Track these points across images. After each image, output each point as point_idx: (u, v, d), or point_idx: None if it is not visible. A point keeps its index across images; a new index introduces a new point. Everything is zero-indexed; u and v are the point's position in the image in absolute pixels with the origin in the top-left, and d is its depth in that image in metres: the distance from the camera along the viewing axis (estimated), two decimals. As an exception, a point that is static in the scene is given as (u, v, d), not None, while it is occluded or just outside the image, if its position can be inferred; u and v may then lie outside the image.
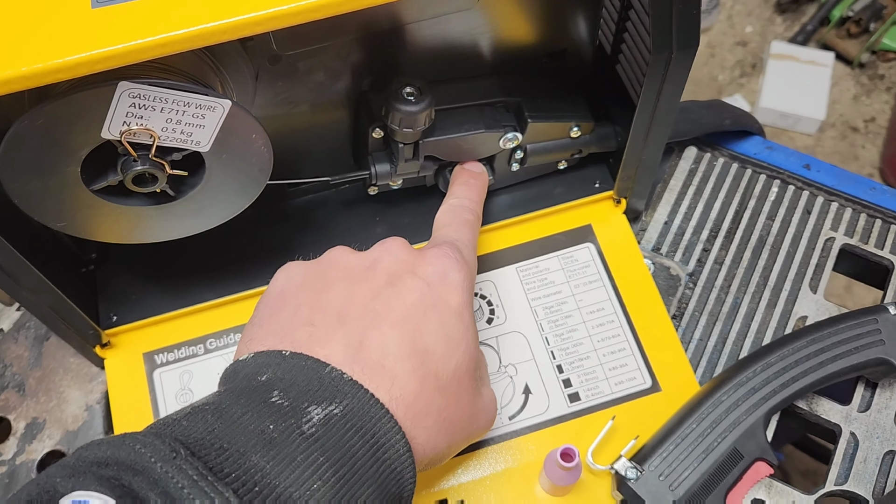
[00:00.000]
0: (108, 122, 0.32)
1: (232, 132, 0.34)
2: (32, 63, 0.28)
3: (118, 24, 0.29)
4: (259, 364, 0.32)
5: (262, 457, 0.27)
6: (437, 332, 0.34)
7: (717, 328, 0.48)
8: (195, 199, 0.38)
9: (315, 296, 0.35)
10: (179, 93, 0.32)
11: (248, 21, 0.30)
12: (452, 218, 0.42)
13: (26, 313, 0.49)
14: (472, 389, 0.36)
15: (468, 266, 0.38)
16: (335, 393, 0.30)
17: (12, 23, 0.29)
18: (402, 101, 0.40)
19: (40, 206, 0.35)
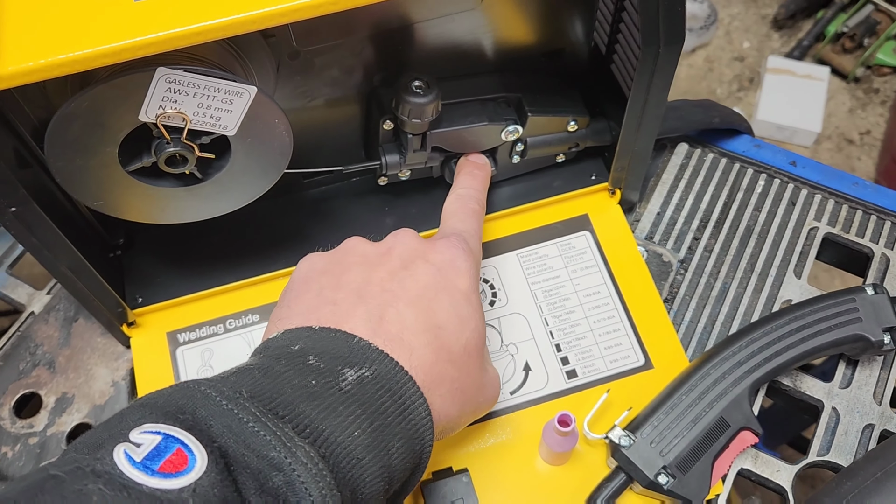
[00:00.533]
0: (146, 106, 0.35)
1: (256, 117, 0.38)
2: (84, 48, 0.31)
3: (158, 15, 0.32)
4: (290, 338, 0.35)
5: (308, 405, 0.31)
6: (449, 310, 0.37)
7: (706, 311, 0.51)
8: (220, 182, 0.41)
9: (336, 279, 0.38)
10: (211, 79, 0.35)
11: (272, 13, 0.33)
12: (459, 208, 0.45)
13: (56, 296, 0.53)
14: (480, 364, 0.39)
15: (473, 255, 0.41)
16: (364, 359, 0.33)
17: (66, 14, 0.32)
18: (412, 94, 0.44)
19: (80, 184, 0.38)
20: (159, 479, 0.25)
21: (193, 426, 0.28)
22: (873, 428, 0.46)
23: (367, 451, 0.31)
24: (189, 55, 0.36)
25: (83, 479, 0.25)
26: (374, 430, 0.32)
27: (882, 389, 0.48)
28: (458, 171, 0.49)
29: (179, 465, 0.26)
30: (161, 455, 0.26)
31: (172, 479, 0.25)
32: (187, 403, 0.29)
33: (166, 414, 0.28)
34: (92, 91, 0.34)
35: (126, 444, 0.27)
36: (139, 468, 0.25)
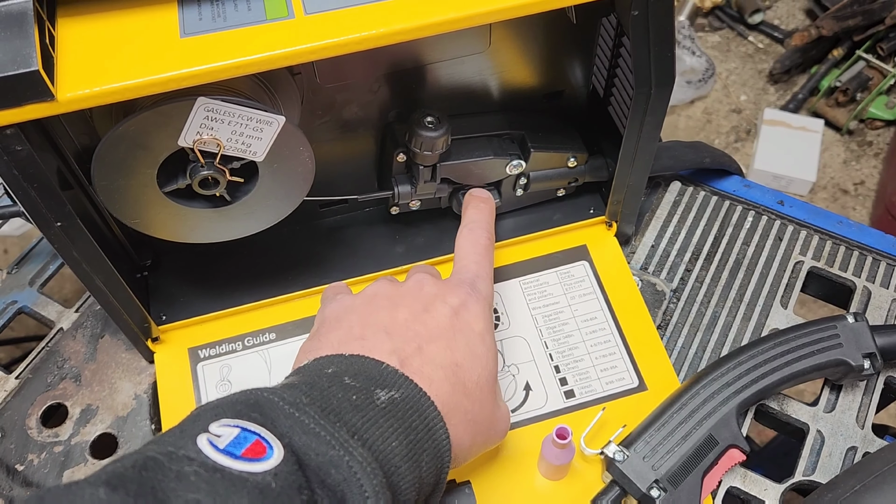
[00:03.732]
0: (185, 132, 0.39)
1: (283, 145, 0.41)
2: (136, 78, 0.35)
3: (201, 50, 0.36)
4: (323, 363, 0.38)
5: (354, 416, 0.34)
6: (464, 349, 0.41)
7: (697, 337, 0.54)
8: (247, 204, 0.44)
9: (363, 318, 0.41)
10: (244, 108, 0.39)
11: (298, 52, 0.36)
12: (472, 246, 0.48)
13: (84, 314, 0.56)
14: (493, 400, 0.42)
15: (485, 298, 0.44)
16: (393, 383, 0.37)
17: (119, 47, 0.36)
18: (424, 128, 0.47)
19: (121, 203, 0.42)
20: (244, 462, 0.28)
21: (264, 424, 0.31)
22: (856, 450, 0.49)
23: (403, 460, 0.34)
24: (224, 87, 0.40)
25: (179, 461, 0.28)
26: (409, 443, 0.35)
27: (864, 414, 0.50)
28: (465, 206, 0.52)
29: (260, 452, 0.29)
30: (242, 444, 0.29)
31: (256, 464, 0.28)
32: (257, 405, 0.32)
33: (239, 412, 0.32)
34: (138, 116, 0.38)
35: (208, 434, 0.30)
36: (224, 454, 0.29)
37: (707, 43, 1.90)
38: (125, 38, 0.37)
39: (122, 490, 0.26)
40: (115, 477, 0.27)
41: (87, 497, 0.26)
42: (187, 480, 0.27)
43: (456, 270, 0.46)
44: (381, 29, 0.37)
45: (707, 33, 1.92)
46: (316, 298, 0.51)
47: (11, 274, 0.58)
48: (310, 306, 0.53)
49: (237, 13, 0.38)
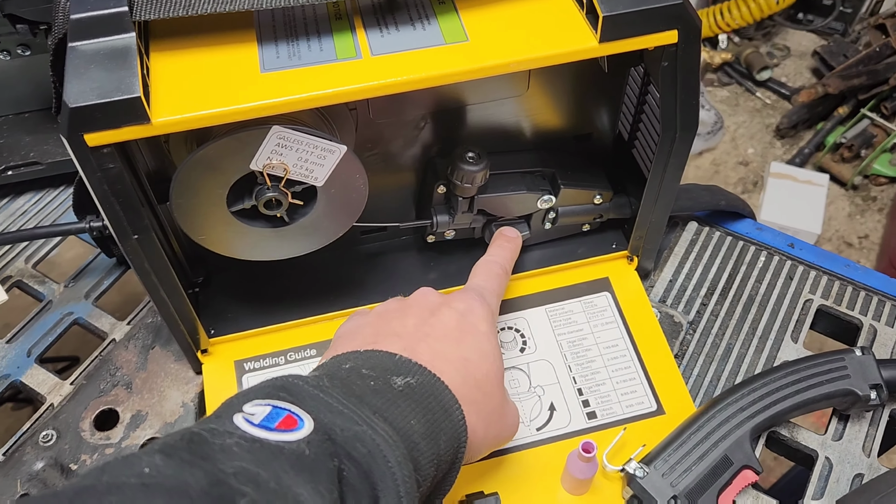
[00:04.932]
0: (257, 157, 0.43)
1: (341, 172, 0.45)
2: (223, 106, 0.39)
3: (279, 85, 0.41)
4: (340, 360, 0.40)
5: (374, 398, 0.37)
6: (472, 346, 0.43)
7: (712, 367, 0.57)
8: (303, 226, 0.48)
9: (376, 328, 0.44)
10: (311, 137, 0.43)
11: (356, 90, 0.41)
12: (484, 269, 0.52)
13: (135, 327, 0.59)
14: (502, 394, 0.44)
15: (489, 307, 0.47)
16: (408, 370, 0.39)
17: (207, 80, 0.41)
18: (466, 162, 0.52)
19: (192, 220, 0.46)
20: (279, 433, 0.31)
21: (294, 402, 0.34)
22: (862, 477, 0.52)
23: (422, 438, 0.37)
24: (292, 118, 0.44)
25: (221, 436, 0.31)
26: (427, 422, 0.37)
27: (870, 443, 0.53)
28: (491, 242, 0.56)
29: (292, 424, 0.32)
30: (275, 418, 0.32)
31: (290, 434, 0.31)
32: (284, 388, 0.35)
33: (268, 394, 0.35)
34: (219, 142, 0.42)
35: (243, 413, 0.33)
36: (260, 427, 0.32)
37: (716, 97, 1.97)
38: (211, 71, 0.41)
39: (175, 457, 0.29)
40: (168, 447, 0.30)
41: (146, 463, 0.28)
42: (230, 451, 0.30)
43: (466, 284, 0.50)
44: (437, 71, 0.41)
45: (716, 88, 1.99)
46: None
47: (68, 287, 0.62)
48: (349, 326, 0.57)
49: (310, 52, 0.42)
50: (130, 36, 0.39)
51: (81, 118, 0.38)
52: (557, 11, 0.44)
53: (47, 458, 0.52)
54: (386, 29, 0.43)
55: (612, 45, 0.43)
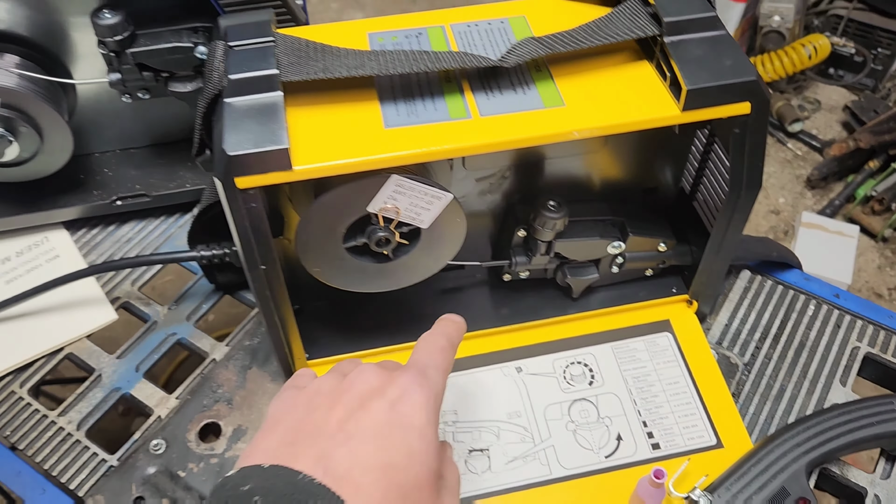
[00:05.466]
0: (375, 201, 0.49)
1: (445, 215, 0.51)
2: (354, 157, 0.45)
3: (401, 140, 0.46)
4: (243, 476, 0.38)
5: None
6: (400, 447, 0.39)
7: (766, 406, 0.61)
8: (404, 262, 0.54)
9: (299, 421, 0.41)
10: (424, 185, 0.49)
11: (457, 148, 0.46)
12: (427, 344, 0.48)
13: (234, 348, 0.65)
14: (433, 498, 0.41)
15: (432, 387, 0.43)
16: (308, 495, 0.36)
17: (338, 133, 0.47)
18: (548, 210, 0.57)
19: (311, 255, 0.51)
20: None
21: None
22: (909, 514, 0.56)
23: None
24: (405, 167, 0.50)
25: None
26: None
27: (916, 483, 0.57)
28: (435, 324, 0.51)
29: None
30: None
31: None
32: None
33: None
34: (345, 187, 0.48)
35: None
36: None
37: (748, 147, 2.02)
38: (340, 125, 0.47)
39: None
40: None
41: None
42: None
43: (408, 361, 0.46)
44: (539, 132, 0.47)
45: (748, 138, 2.04)
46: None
47: (171, 310, 0.68)
48: (429, 355, 0.62)
49: (426, 111, 0.48)
50: (278, 94, 0.46)
51: (237, 164, 0.44)
52: (641, 81, 0.50)
53: (158, 465, 0.58)
54: (491, 92, 0.49)
55: (693, 114, 0.48)
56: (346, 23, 0.55)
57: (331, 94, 0.49)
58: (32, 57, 0.65)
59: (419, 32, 0.54)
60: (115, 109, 0.72)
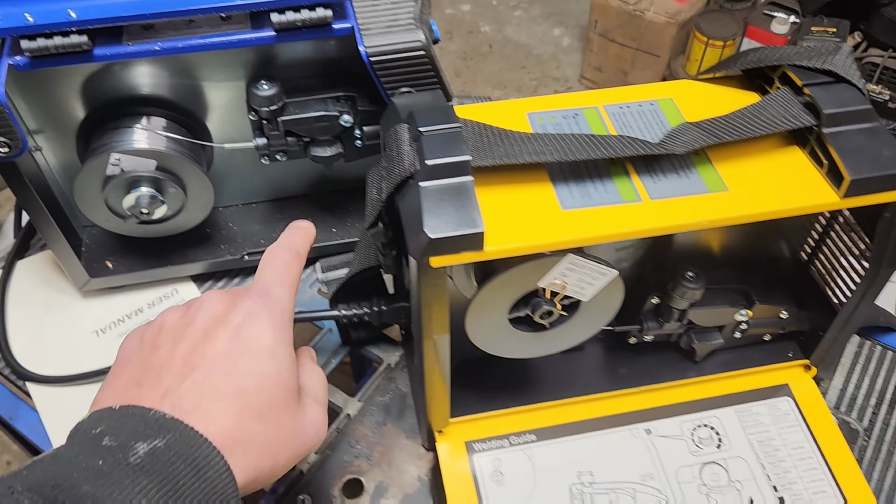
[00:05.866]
0: (547, 277, 0.51)
1: (605, 288, 0.54)
2: (538, 240, 0.48)
3: (579, 222, 0.49)
4: (94, 420, 0.38)
5: (92, 485, 0.33)
6: (249, 371, 0.41)
7: (890, 472, 0.63)
8: (560, 331, 0.56)
9: (145, 359, 0.42)
10: (594, 263, 0.51)
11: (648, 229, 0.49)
12: (271, 261, 0.48)
13: (367, 404, 0.67)
14: (292, 413, 0.42)
15: (278, 305, 0.44)
16: (158, 430, 0.37)
17: (518, 215, 0.49)
18: (686, 280, 0.60)
19: (478, 326, 0.54)
20: None
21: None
22: None
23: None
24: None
25: None
26: (163, 495, 0.35)
27: None
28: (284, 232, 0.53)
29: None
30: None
31: None
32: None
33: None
34: (523, 266, 0.50)
35: None
36: None
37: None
38: (521, 207, 0.50)
39: None
40: None
41: None
42: None
43: (253, 281, 0.47)
44: (710, 217, 0.50)
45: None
46: (563, 408, 0.63)
47: (301, 364, 0.70)
48: (559, 415, 0.64)
49: (597, 193, 0.51)
50: (469, 179, 0.48)
51: (435, 246, 0.46)
52: (795, 167, 0.53)
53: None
54: (655, 175, 0.52)
55: (853, 201, 0.51)
56: (505, 102, 0.58)
57: (507, 174, 0.51)
58: (178, 119, 0.68)
59: (575, 113, 0.57)
60: (244, 167, 0.75)
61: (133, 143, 0.64)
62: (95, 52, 0.56)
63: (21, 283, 0.75)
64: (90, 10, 0.54)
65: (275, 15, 0.57)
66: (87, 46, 0.55)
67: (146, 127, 0.65)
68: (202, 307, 0.44)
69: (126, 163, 0.64)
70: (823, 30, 1.99)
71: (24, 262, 0.77)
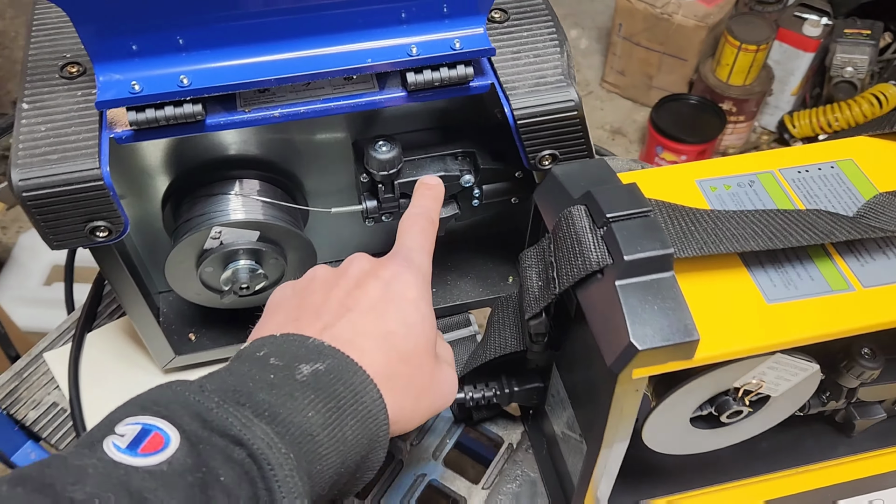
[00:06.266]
0: (746, 376, 0.45)
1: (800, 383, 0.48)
2: (747, 343, 0.42)
3: (790, 319, 0.43)
4: (256, 345, 0.41)
5: (267, 394, 0.37)
6: (397, 318, 0.43)
7: None
8: (740, 424, 0.50)
9: (300, 301, 0.45)
10: (799, 360, 0.45)
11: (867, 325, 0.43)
12: (410, 225, 0.50)
13: (493, 492, 0.61)
14: (431, 364, 0.44)
15: (419, 269, 0.46)
16: (318, 356, 0.39)
17: (722, 312, 0.43)
18: (862, 358, 0.54)
19: (657, 432, 0.48)
20: (141, 457, 0.32)
21: (167, 416, 0.35)
22: None
23: (321, 428, 0.37)
24: (764, 336, 0.47)
25: (82, 457, 0.32)
26: (328, 410, 0.37)
27: None
28: (414, 191, 0.55)
29: (157, 445, 0.33)
30: (141, 440, 0.33)
31: (152, 457, 0.33)
32: (161, 398, 0.36)
33: (143, 408, 0.35)
34: (724, 368, 0.44)
35: (113, 436, 0.34)
36: (126, 452, 0.33)
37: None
38: (722, 303, 0.44)
39: (21, 486, 0.30)
40: (19, 475, 0.31)
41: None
42: (84, 474, 0.31)
43: (394, 246, 0.49)
44: (929, 305, 0.44)
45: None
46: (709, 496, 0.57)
47: (414, 446, 0.64)
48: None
49: (802, 281, 0.45)
50: (671, 274, 0.42)
51: (642, 358, 0.40)
52: None
53: None
54: (860, 256, 0.46)
55: None
56: (670, 168, 0.52)
57: (698, 259, 0.45)
58: (274, 180, 0.61)
59: (751, 180, 0.51)
60: (339, 227, 0.68)
61: (232, 214, 0.57)
62: (208, 122, 0.49)
63: (93, 357, 0.68)
64: (205, 76, 0.47)
65: (411, 75, 0.50)
66: (202, 116, 0.48)
67: (241, 192, 0.58)
68: (353, 262, 0.47)
69: (227, 235, 0.57)
70: (857, 31, 1.94)
71: (94, 336, 0.69)
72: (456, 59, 0.50)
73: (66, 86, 0.49)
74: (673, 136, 1.89)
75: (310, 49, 0.49)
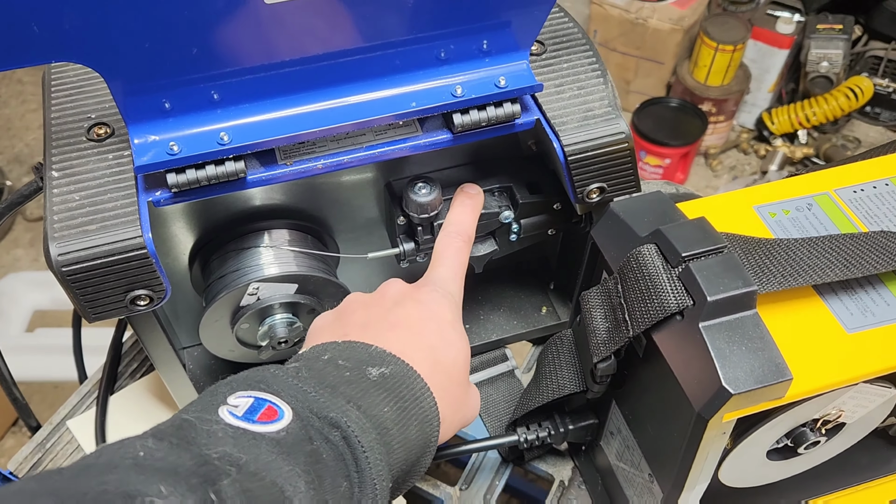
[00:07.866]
0: (827, 407, 0.44)
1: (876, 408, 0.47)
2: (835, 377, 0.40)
3: (868, 348, 0.42)
4: (318, 350, 0.42)
5: (347, 388, 0.38)
6: (437, 334, 0.45)
7: None
8: (811, 453, 0.49)
9: (344, 321, 0.46)
10: (879, 387, 0.44)
11: None
12: (445, 247, 0.51)
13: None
14: (466, 380, 0.46)
15: (452, 295, 0.48)
16: (382, 361, 0.41)
17: (802, 345, 0.42)
18: None
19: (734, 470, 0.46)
20: (260, 425, 0.34)
21: (276, 392, 0.36)
22: None
23: (394, 424, 0.38)
24: (839, 364, 0.46)
25: (208, 423, 0.33)
26: (398, 409, 0.39)
27: None
28: (452, 203, 0.55)
29: (272, 415, 0.35)
30: (256, 410, 0.35)
31: (270, 425, 0.34)
32: (265, 377, 0.37)
33: (250, 385, 0.37)
34: (805, 405, 0.43)
35: (227, 405, 0.35)
36: (243, 420, 0.34)
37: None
38: (802, 335, 0.42)
39: (166, 441, 0.32)
40: (159, 432, 0.32)
41: (140, 446, 0.31)
42: (216, 436, 0.33)
43: (428, 272, 0.50)
44: None
45: (800, 181, 2.05)
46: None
47: (463, 490, 0.62)
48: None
49: (878, 307, 0.44)
50: (755, 312, 0.41)
51: (734, 402, 0.38)
52: None
53: None
54: (930, 276, 0.45)
55: None
56: (725, 196, 0.50)
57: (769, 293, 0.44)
58: (305, 228, 0.58)
59: (809, 203, 0.50)
60: (369, 267, 0.66)
61: (266, 268, 0.54)
62: (249, 178, 0.47)
63: (117, 421, 0.65)
64: (245, 132, 0.45)
65: (457, 116, 0.48)
66: (244, 174, 0.46)
67: (272, 243, 0.56)
68: (389, 286, 0.48)
69: (264, 291, 0.54)
70: (829, 27, 1.96)
71: (117, 398, 0.66)
72: (503, 98, 0.48)
73: (96, 149, 0.47)
74: (656, 140, 1.90)
75: (350, 96, 0.47)
